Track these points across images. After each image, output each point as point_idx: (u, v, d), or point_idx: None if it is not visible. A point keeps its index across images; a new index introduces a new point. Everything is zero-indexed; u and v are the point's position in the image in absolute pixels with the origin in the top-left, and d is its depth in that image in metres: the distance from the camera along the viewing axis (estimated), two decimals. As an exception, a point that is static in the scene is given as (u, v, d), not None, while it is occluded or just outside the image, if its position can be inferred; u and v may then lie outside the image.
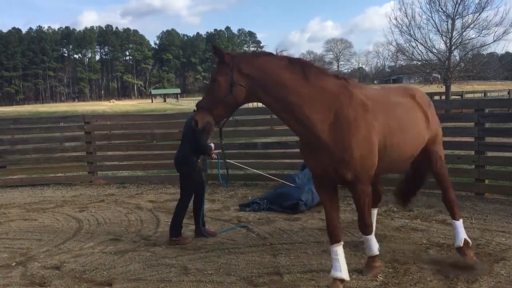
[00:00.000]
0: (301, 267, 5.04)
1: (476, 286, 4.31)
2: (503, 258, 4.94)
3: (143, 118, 11.88)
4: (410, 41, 29.04)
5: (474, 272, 4.52)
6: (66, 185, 10.75)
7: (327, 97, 4.16)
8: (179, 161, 6.17)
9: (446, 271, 4.62)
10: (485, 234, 5.81)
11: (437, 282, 4.44)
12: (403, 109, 4.71)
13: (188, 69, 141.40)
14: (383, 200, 7.57)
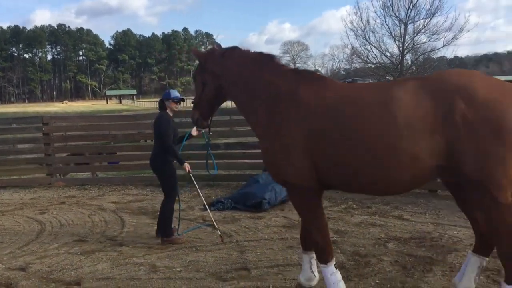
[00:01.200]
0: (268, 262, 5.22)
1: (431, 275, 4.61)
2: (455, 249, 5.29)
3: (104, 120, 11.77)
4: (365, 45, 29.92)
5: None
6: (23, 188, 10.51)
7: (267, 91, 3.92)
8: (152, 159, 6.19)
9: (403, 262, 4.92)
10: (438, 228, 6.17)
11: (396, 272, 4.72)
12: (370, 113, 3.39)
13: (144, 70, 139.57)
14: (342, 198, 7.92)
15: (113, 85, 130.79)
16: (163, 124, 6.01)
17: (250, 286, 4.58)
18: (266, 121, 3.86)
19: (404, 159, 3.25)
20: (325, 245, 3.85)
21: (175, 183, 6.21)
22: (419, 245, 5.50)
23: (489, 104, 3.11)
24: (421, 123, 3.20)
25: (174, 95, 6.20)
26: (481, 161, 3.11)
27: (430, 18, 28.64)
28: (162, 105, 6.23)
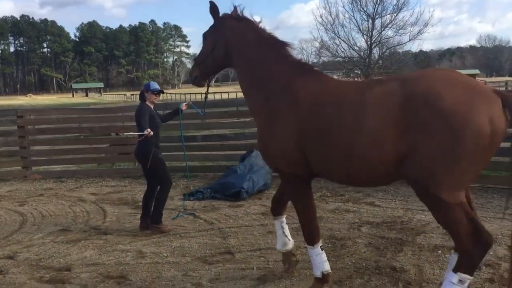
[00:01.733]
0: (250, 246, 5.51)
1: (402, 254, 4.99)
2: (423, 231, 5.70)
3: (80, 112, 11.80)
4: (334, 39, 30.53)
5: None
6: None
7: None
8: (137, 151, 6.30)
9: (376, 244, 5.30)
10: (407, 212, 6.58)
11: (370, 253, 5.09)
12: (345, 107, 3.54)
13: (111, 62, 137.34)
14: (317, 187, 8.28)
15: (79, 78, 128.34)
16: (140, 112, 6.15)
17: (235, 268, 4.86)
18: (262, 109, 4.05)
19: (368, 163, 3.40)
20: (312, 228, 4.10)
21: (166, 171, 6.37)
22: (390, 228, 5.89)
23: (451, 116, 3.07)
24: (385, 131, 3.27)
25: (153, 87, 6.37)
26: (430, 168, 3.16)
27: (396, 13, 29.53)
28: (142, 97, 6.37)
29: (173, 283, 4.57)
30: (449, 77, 3.29)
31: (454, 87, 3.18)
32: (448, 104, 3.08)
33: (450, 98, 3.11)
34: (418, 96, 3.19)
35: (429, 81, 3.26)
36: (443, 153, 3.11)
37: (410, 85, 3.28)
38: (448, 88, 3.17)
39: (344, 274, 4.52)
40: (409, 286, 4.21)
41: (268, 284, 4.42)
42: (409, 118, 3.19)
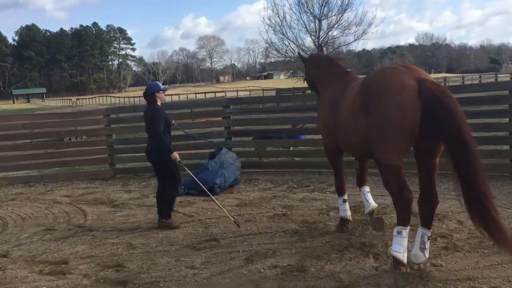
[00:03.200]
0: (232, 233, 6.03)
1: (369, 232, 5.67)
2: (384, 213, 6.43)
3: (46, 117, 11.87)
4: (283, 40, 31.40)
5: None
6: (-37, 188, 10.46)
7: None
8: (149, 151, 6.48)
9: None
10: (368, 198, 7.29)
11: (339, 233, 5.73)
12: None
13: (53, 67, 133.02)
14: (283, 180, 8.89)
15: (20, 83, 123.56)
16: (156, 113, 6.34)
17: (223, 252, 5.37)
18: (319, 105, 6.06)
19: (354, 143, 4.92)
20: (340, 185, 5.92)
21: (178, 170, 6.59)
22: (355, 212, 6.56)
23: (378, 99, 4.33)
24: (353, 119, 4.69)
25: (163, 87, 6.69)
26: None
27: (341, 14, 30.74)
28: (152, 98, 6.49)
29: (168, 267, 5.02)
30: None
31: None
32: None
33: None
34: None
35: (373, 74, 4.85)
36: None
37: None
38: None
39: (321, 251, 5.13)
40: (378, 256, 4.87)
41: (256, 262, 4.96)
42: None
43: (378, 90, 4.29)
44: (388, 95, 4.19)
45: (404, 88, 4.15)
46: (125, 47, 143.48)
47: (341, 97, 4.99)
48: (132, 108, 12.03)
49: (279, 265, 4.83)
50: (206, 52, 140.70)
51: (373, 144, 4.42)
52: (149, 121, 6.37)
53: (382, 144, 4.33)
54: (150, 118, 6.37)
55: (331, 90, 5.44)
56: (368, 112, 4.35)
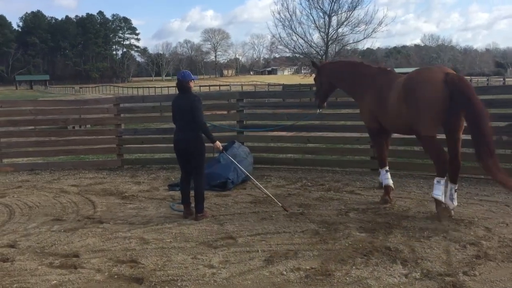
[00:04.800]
0: (248, 232, 5.79)
1: (393, 236, 5.44)
2: (406, 216, 6.19)
3: (53, 104, 11.63)
4: (291, 35, 31.13)
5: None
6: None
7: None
8: (192, 140, 6.37)
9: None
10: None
11: (363, 235, 5.50)
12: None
13: (57, 54, 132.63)
14: (296, 177, 8.66)
15: (23, 69, 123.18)
16: (198, 101, 6.37)
17: (241, 251, 5.15)
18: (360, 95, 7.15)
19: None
20: (381, 158, 7.17)
21: (204, 160, 6.61)
22: (376, 213, 6.34)
23: (418, 89, 5.95)
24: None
25: (194, 77, 6.68)
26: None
27: (351, 11, 30.46)
28: (187, 86, 6.43)
29: (185, 265, 4.80)
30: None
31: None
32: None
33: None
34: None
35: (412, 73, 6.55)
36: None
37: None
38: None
39: (345, 254, 4.90)
40: (406, 263, 4.64)
41: (276, 263, 4.73)
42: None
43: (418, 84, 5.99)
44: (424, 86, 5.91)
45: (435, 80, 5.88)
46: (129, 37, 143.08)
47: (388, 90, 6.45)
48: (142, 98, 11.79)
49: (302, 267, 4.61)
50: (211, 45, 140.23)
51: (414, 123, 6.04)
52: (193, 109, 6.28)
53: (421, 121, 5.96)
54: (194, 107, 6.29)
55: (373, 86, 6.77)
56: (409, 101, 6.01)
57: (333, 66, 7.77)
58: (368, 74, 6.96)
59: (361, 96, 7.07)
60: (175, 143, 6.55)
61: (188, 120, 6.36)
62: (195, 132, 6.38)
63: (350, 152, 9.59)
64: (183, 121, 6.42)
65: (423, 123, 5.94)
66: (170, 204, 7.22)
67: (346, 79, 7.31)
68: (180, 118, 6.46)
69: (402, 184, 8.02)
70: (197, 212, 6.50)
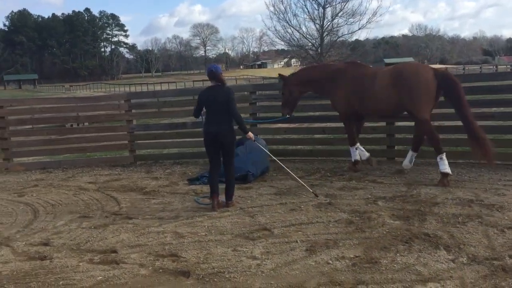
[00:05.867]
0: (282, 223, 5.79)
1: (428, 223, 5.47)
2: (435, 202, 6.22)
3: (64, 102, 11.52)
4: (286, 28, 31.05)
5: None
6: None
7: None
8: (226, 130, 6.50)
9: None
10: (411, 188, 7.09)
11: (398, 223, 5.53)
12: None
13: (44, 53, 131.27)
14: (314, 168, 8.67)
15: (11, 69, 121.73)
16: (233, 93, 6.60)
17: (280, 242, 5.14)
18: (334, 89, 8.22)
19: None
20: (351, 138, 8.28)
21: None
22: (405, 201, 6.37)
23: (413, 79, 7.23)
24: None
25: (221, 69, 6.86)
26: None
27: (346, 2, 30.41)
28: (222, 79, 6.62)
29: (227, 257, 4.79)
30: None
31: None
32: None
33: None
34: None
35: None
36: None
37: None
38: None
39: (385, 242, 4.92)
40: (449, 248, 4.66)
41: (319, 253, 4.74)
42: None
43: (413, 74, 7.28)
44: (420, 77, 7.19)
45: (428, 72, 7.28)
46: (118, 34, 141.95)
47: (371, 80, 7.62)
48: (153, 93, 11.71)
49: (346, 256, 4.62)
50: (200, 40, 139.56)
51: (410, 108, 7.30)
52: (230, 101, 6.42)
53: (418, 106, 7.20)
54: (230, 99, 6.44)
55: (348, 78, 7.94)
56: (402, 88, 7.24)
57: (302, 73, 8.77)
58: (337, 70, 8.17)
59: (334, 90, 8.08)
60: (207, 134, 6.58)
61: (223, 112, 6.45)
62: (229, 123, 6.51)
63: (366, 142, 9.57)
64: (217, 112, 6.50)
65: (419, 108, 7.17)
66: (195, 198, 7.19)
67: (316, 81, 8.33)
68: (213, 110, 6.53)
69: (422, 171, 8.07)
70: (227, 200, 6.65)
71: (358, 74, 7.90)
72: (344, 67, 8.24)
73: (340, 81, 8.00)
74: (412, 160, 7.79)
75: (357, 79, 7.83)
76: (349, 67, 8.20)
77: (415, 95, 7.13)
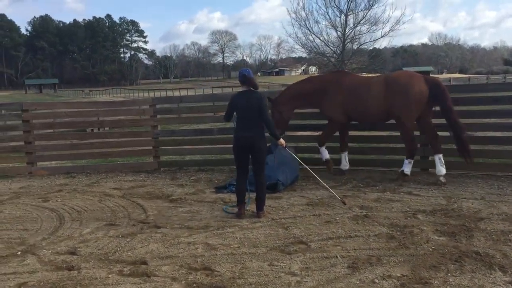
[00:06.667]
0: (318, 236, 5.49)
1: (476, 240, 5.13)
2: (480, 218, 5.86)
3: (89, 106, 11.41)
4: (307, 35, 30.79)
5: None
6: (2, 177, 10.02)
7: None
8: (258, 137, 6.29)
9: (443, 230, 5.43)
10: (451, 201, 6.73)
11: (444, 239, 5.19)
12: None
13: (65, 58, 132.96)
14: (344, 178, 8.34)
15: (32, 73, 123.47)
16: (265, 99, 6.40)
17: (318, 257, 4.85)
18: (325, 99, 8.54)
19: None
20: (323, 138, 8.75)
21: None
22: (447, 216, 6.02)
23: (406, 88, 7.75)
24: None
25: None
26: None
27: (368, 9, 30.06)
28: (252, 83, 6.38)
29: (264, 273, 4.51)
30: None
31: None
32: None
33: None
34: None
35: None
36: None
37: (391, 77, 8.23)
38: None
39: (433, 260, 4.59)
40: (505, 269, 4.32)
41: (362, 270, 4.44)
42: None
43: (405, 83, 7.78)
44: (413, 86, 7.70)
45: (420, 81, 7.78)
46: (137, 40, 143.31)
47: (364, 87, 8.11)
48: (179, 98, 11.53)
49: (393, 275, 4.31)
50: (218, 47, 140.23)
51: (398, 114, 7.82)
52: (262, 107, 6.24)
53: (407, 114, 7.77)
54: (263, 105, 6.26)
55: (341, 87, 8.34)
56: (395, 96, 7.77)
57: (289, 91, 8.89)
58: (329, 81, 8.56)
59: (326, 99, 8.44)
60: (238, 140, 6.38)
61: (254, 118, 6.24)
62: (260, 129, 6.31)
63: (396, 152, 9.23)
64: (248, 118, 6.28)
65: (408, 115, 7.77)
66: (224, 207, 6.94)
67: (307, 94, 8.60)
68: (245, 115, 6.31)
69: (461, 184, 7.71)
70: (258, 210, 6.42)
71: (352, 82, 8.31)
72: (336, 77, 8.60)
73: (333, 90, 8.35)
74: (442, 163, 7.87)
75: (351, 87, 8.23)
76: (341, 77, 8.56)
77: (407, 103, 7.66)
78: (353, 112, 8.31)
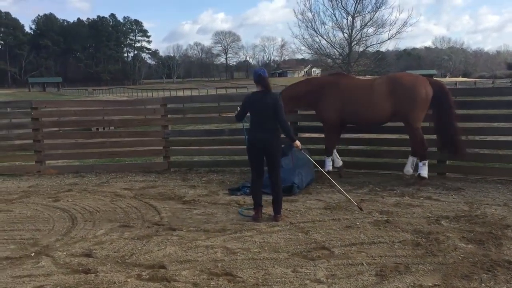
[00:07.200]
0: (340, 241, 5.33)
1: (506, 248, 4.95)
2: (507, 225, 5.68)
3: (98, 104, 11.26)
4: (314, 36, 30.63)
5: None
6: (11, 176, 9.88)
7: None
8: (273, 138, 6.13)
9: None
10: (473, 207, 6.54)
11: (472, 247, 5.02)
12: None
13: (69, 57, 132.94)
14: (360, 182, 8.18)
15: (35, 72, 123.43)
16: (281, 100, 6.19)
17: (343, 263, 4.68)
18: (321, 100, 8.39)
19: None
20: (330, 148, 8.49)
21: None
22: (471, 222, 5.84)
23: (412, 90, 7.68)
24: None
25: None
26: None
27: (375, 11, 29.90)
28: (267, 83, 6.21)
29: (289, 280, 4.34)
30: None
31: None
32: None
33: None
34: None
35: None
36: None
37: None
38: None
39: (464, 269, 4.42)
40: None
41: (391, 279, 4.27)
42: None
43: (412, 85, 7.70)
44: (419, 88, 7.66)
45: (426, 83, 7.76)
46: (141, 40, 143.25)
47: (366, 89, 8.03)
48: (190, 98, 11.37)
49: (424, 284, 4.14)
50: (222, 47, 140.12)
51: (405, 117, 7.77)
52: (278, 108, 6.04)
53: (414, 115, 7.69)
54: (279, 105, 6.06)
55: (338, 89, 8.18)
56: (398, 98, 7.69)
57: (285, 94, 8.45)
58: (327, 83, 8.44)
59: (323, 101, 8.26)
60: (252, 141, 6.21)
61: (269, 119, 6.08)
62: (275, 131, 6.13)
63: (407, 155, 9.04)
64: (263, 119, 6.11)
65: (415, 117, 7.69)
66: (239, 210, 6.78)
67: (304, 96, 8.47)
68: (260, 116, 6.14)
69: (480, 189, 7.53)
70: (276, 213, 6.25)
71: (351, 84, 8.20)
72: (334, 79, 8.48)
73: (331, 92, 8.21)
74: (413, 165, 8.05)
75: (350, 89, 8.12)
76: (340, 79, 8.44)
77: (414, 105, 7.62)
78: (351, 115, 8.14)
